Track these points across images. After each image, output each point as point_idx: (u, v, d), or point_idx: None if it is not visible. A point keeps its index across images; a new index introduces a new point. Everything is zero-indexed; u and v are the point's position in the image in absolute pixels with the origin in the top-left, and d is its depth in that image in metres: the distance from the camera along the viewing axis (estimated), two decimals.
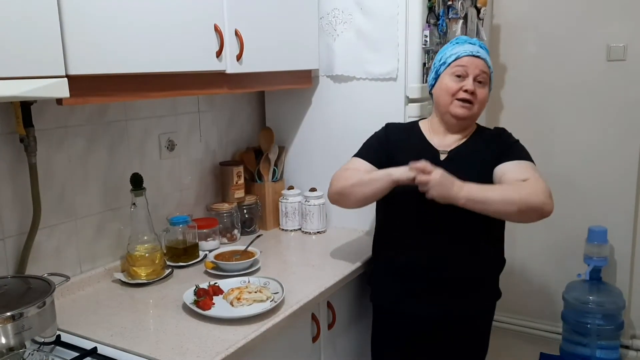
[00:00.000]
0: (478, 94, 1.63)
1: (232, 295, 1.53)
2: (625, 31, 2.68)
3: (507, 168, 1.61)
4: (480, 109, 1.67)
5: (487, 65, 1.66)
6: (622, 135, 2.76)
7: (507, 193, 1.52)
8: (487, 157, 1.65)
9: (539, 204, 1.51)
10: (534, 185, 1.53)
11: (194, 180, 2.11)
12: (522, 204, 1.50)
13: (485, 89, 1.65)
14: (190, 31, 1.54)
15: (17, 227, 1.52)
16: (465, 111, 1.64)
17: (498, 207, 1.51)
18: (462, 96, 1.63)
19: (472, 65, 1.63)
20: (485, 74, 1.64)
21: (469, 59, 1.63)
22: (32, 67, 1.14)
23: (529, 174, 1.57)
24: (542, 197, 1.51)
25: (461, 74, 1.63)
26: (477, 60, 1.63)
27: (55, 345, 1.30)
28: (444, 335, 1.72)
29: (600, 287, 2.77)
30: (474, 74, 1.62)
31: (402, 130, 1.80)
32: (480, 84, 1.63)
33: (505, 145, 1.68)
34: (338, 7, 2.08)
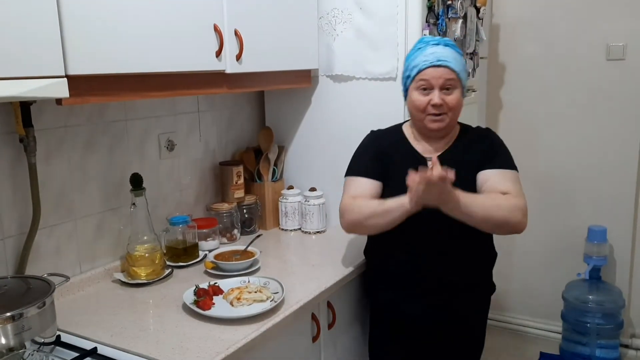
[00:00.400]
0: (448, 102, 1.60)
1: (232, 295, 1.53)
2: (625, 30, 2.68)
3: (490, 176, 1.63)
4: (455, 115, 1.65)
5: (452, 70, 1.59)
6: (621, 134, 2.76)
7: (489, 210, 1.54)
8: (472, 161, 1.66)
9: (515, 223, 1.57)
10: (514, 203, 1.56)
11: (194, 180, 2.11)
12: (500, 221, 1.55)
13: (454, 94, 1.60)
14: (190, 31, 1.54)
15: (16, 227, 1.52)
16: (438, 124, 1.63)
17: (477, 222, 1.55)
18: (431, 111, 1.61)
19: (435, 76, 1.58)
20: (451, 80, 1.59)
21: (430, 71, 1.59)
22: (31, 67, 1.14)
23: (510, 186, 1.60)
24: (520, 215, 1.56)
25: (426, 86, 1.60)
26: (438, 70, 1.58)
27: (55, 345, 1.30)
28: (440, 333, 1.72)
29: (599, 286, 2.77)
30: (438, 84, 1.59)
31: (388, 136, 1.78)
32: (448, 91, 1.60)
33: (490, 150, 1.68)
34: (338, 6, 2.08)
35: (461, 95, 1.64)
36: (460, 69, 1.62)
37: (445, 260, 1.64)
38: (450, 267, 1.65)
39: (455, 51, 1.63)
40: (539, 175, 2.98)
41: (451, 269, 1.65)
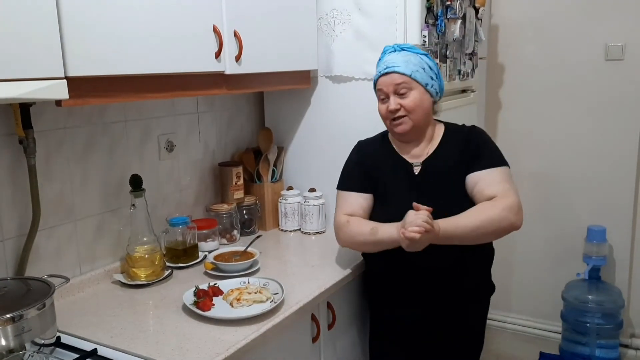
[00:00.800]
0: (405, 105, 1.62)
1: (231, 296, 1.53)
2: (624, 30, 2.68)
3: (479, 177, 1.62)
4: (418, 116, 1.64)
5: (400, 74, 1.61)
6: (620, 134, 2.77)
7: (480, 224, 1.54)
8: (459, 166, 1.65)
9: (508, 226, 1.56)
10: (503, 205, 1.55)
11: (193, 181, 2.11)
12: (495, 229, 1.56)
13: (410, 95, 1.62)
14: (189, 32, 1.54)
15: (16, 228, 1.52)
16: (402, 127, 1.65)
17: (472, 238, 1.57)
18: (391, 117, 1.65)
19: (386, 84, 1.64)
20: (403, 84, 1.62)
21: (381, 80, 1.66)
22: (31, 69, 1.14)
23: (498, 187, 1.59)
24: (511, 216, 1.56)
25: (383, 96, 1.66)
26: (388, 77, 1.63)
27: (55, 346, 1.30)
28: (440, 334, 1.72)
29: (599, 286, 2.77)
30: (390, 91, 1.63)
31: (374, 145, 1.80)
32: (402, 95, 1.62)
33: (475, 150, 1.66)
34: (337, 7, 2.08)
35: (423, 95, 1.64)
36: (413, 70, 1.62)
37: (443, 262, 1.63)
38: (449, 269, 1.64)
39: (409, 53, 1.65)
40: (538, 175, 2.98)
41: (449, 270, 1.65)
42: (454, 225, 1.54)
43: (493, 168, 1.63)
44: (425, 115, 1.67)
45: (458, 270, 1.66)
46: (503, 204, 1.56)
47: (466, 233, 1.54)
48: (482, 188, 1.60)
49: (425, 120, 1.68)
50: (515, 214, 1.56)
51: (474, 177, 1.63)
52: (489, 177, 1.62)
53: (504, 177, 1.63)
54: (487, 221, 1.54)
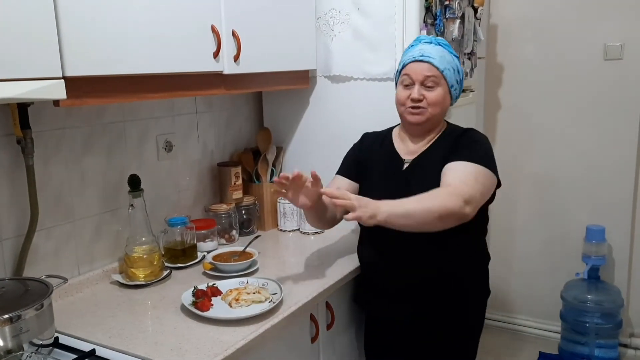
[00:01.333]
0: (428, 98, 1.60)
1: (230, 296, 1.52)
2: (622, 30, 2.68)
3: (449, 167, 1.56)
4: (436, 111, 1.62)
5: (434, 66, 1.59)
6: (619, 134, 2.77)
7: (425, 202, 1.45)
8: (443, 161, 1.60)
9: (455, 209, 1.44)
10: (451, 190, 1.48)
11: (192, 181, 2.11)
12: (441, 211, 1.44)
13: (436, 91, 1.60)
14: (188, 32, 1.54)
15: (14, 229, 1.52)
16: (417, 117, 1.63)
17: (419, 219, 1.45)
18: (409, 104, 1.62)
19: (416, 71, 1.60)
20: (432, 77, 1.59)
21: (412, 66, 1.61)
22: (28, 69, 1.14)
23: (460, 175, 1.52)
24: (458, 201, 1.44)
25: (408, 82, 1.62)
26: (420, 65, 1.60)
27: (53, 347, 1.30)
28: (433, 337, 1.70)
29: (598, 286, 2.77)
30: (418, 80, 1.60)
31: (376, 138, 1.81)
32: (429, 88, 1.60)
33: (461, 145, 1.62)
34: (335, 7, 2.08)
35: (446, 94, 1.63)
36: (446, 67, 1.60)
37: (432, 261, 1.62)
38: (437, 268, 1.62)
39: (445, 50, 1.63)
40: (537, 175, 2.98)
41: (438, 269, 1.62)
42: (399, 206, 1.44)
43: (468, 162, 1.55)
44: (442, 114, 1.66)
45: (448, 276, 1.63)
46: (453, 188, 1.48)
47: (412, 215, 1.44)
48: (444, 176, 1.54)
49: (439, 119, 1.68)
50: (464, 202, 1.45)
51: (446, 167, 1.57)
52: (456, 167, 1.55)
53: (473, 172, 1.53)
54: (434, 205, 1.44)
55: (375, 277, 1.73)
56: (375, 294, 1.74)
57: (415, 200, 1.47)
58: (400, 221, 1.45)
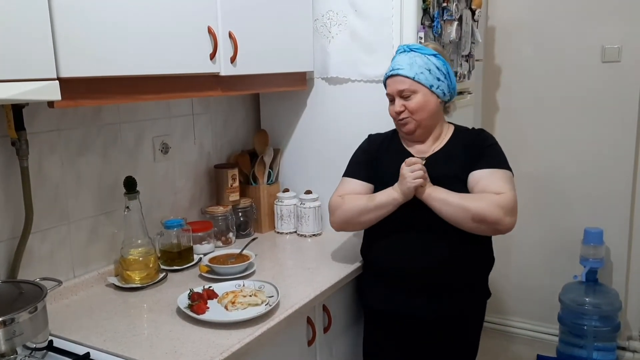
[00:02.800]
0: (408, 107, 1.66)
1: (226, 299, 1.51)
2: (620, 32, 2.68)
3: (481, 175, 1.63)
4: (422, 117, 1.67)
5: (404, 77, 1.65)
6: (617, 136, 2.76)
7: (465, 201, 1.57)
8: (463, 161, 1.67)
9: (494, 220, 1.55)
10: (497, 199, 1.56)
11: (189, 183, 2.10)
12: (477, 215, 1.55)
13: (414, 98, 1.66)
14: (184, 33, 1.53)
15: (9, 231, 1.50)
16: (407, 127, 1.70)
17: (453, 210, 1.57)
18: (397, 118, 1.71)
19: (392, 86, 1.69)
20: (405, 90, 1.66)
21: (388, 82, 1.71)
22: (23, 70, 1.13)
23: (501, 185, 1.60)
24: (501, 213, 1.55)
25: (391, 98, 1.71)
26: (393, 80, 1.69)
27: (47, 350, 1.29)
28: (433, 337, 1.71)
29: (596, 288, 2.77)
30: (395, 94, 1.68)
31: (383, 139, 1.83)
32: (407, 98, 1.67)
33: (480, 149, 1.69)
34: (333, 8, 2.07)
35: (428, 97, 1.67)
36: (417, 72, 1.65)
37: (440, 262, 1.63)
38: (444, 270, 1.64)
39: (416, 53, 1.67)
40: (535, 177, 2.98)
41: (445, 271, 1.64)
42: (445, 192, 1.59)
43: (496, 169, 1.64)
44: (431, 116, 1.69)
45: (454, 274, 1.65)
46: (500, 199, 1.56)
47: (452, 205, 1.57)
48: (485, 185, 1.61)
49: (431, 121, 1.70)
50: (505, 214, 1.56)
51: (476, 175, 1.64)
52: (492, 176, 1.62)
53: (506, 178, 1.64)
54: (474, 201, 1.57)
55: (379, 274, 1.74)
56: (379, 290, 1.74)
57: (460, 194, 1.60)
58: (436, 204, 1.59)
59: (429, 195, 1.60)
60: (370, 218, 1.69)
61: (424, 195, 1.60)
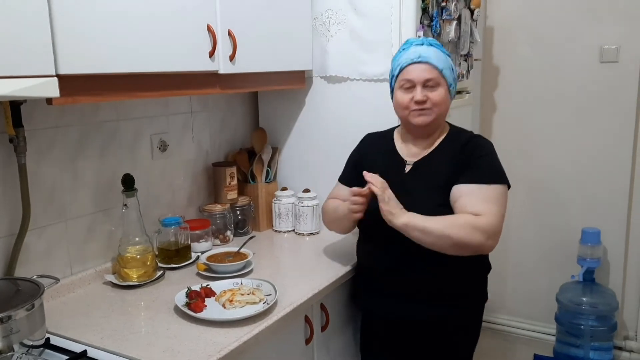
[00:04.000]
0: (431, 98, 1.59)
1: (224, 298, 1.51)
2: (618, 33, 2.69)
3: (463, 192, 1.55)
4: (441, 112, 1.62)
5: (433, 66, 1.58)
6: (615, 137, 2.77)
7: (446, 229, 1.49)
8: (450, 170, 1.60)
9: (475, 245, 1.51)
10: (478, 223, 1.50)
11: (187, 181, 2.10)
12: (458, 243, 1.50)
13: (438, 90, 1.60)
14: (183, 31, 1.53)
15: (6, 228, 1.50)
16: (424, 119, 1.61)
17: (434, 240, 1.51)
18: (414, 107, 1.60)
19: (416, 73, 1.59)
20: (433, 76, 1.58)
21: (412, 67, 1.60)
22: (21, 67, 1.13)
23: (482, 206, 1.52)
24: (482, 238, 1.50)
25: (409, 85, 1.61)
26: (420, 66, 1.59)
27: (44, 348, 1.29)
28: (429, 340, 1.69)
29: (593, 288, 2.77)
30: (420, 81, 1.59)
31: (377, 139, 1.81)
32: (431, 88, 1.59)
33: (469, 160, 1.60)
34: (332, 7, 2.07)
35: (447, 93, 1.62)
36: (444, 66, 1.60)
37: (434, 268, 1.60)
38: (438, 276, 1.60)
39: (439, 50, 1.63)
40: (532, 177, 2.98)
41: (439, 277, 1.60)
42: (422, 220, 1.51)
43: (482, 184, 1.55)
44: (445, 114, 1.66)
45: (446, 279, 1.61)
46: (479, 223, 1.50)
47: (429, 233, 1.51)
48: (464, 204, 1.53)
49: (443, 118, 1.67)
50: (488, 237, 1.51)
51: (458, 190, 1.56)
52: (475, 193, 1.54)
53: (492, 196, 1.55)
54: (455, 228, 1.49)
55: (372, 277, 1.72)
56: (372, 293, 1.73)
57: (439, 221, 1.51)
58: (416, 234, 1.52)
59: (405, 225, 1.51)
60: (345, 225, 1.74)
61: (400, 226, 1.52)
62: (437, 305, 1.63)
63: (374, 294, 1.73)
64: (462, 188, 1.56)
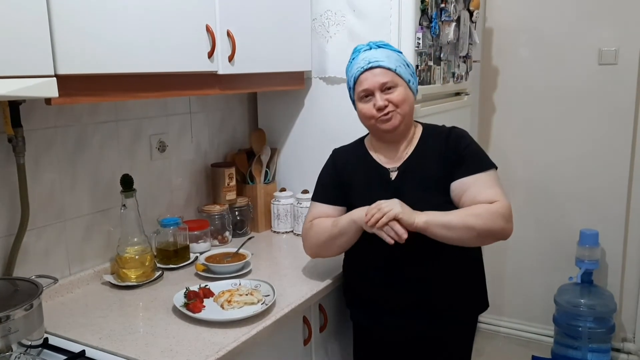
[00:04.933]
0: (392, 100, 1.54)
1: (222, 298, 1.51)
2: (617, 35, 2.69)
3: (466, 183, 1.53)
4: (406, 110, 1.56)
5: (386, 68, 1.54)
6: (613, 138, 2.78)
7: (468, 220, 1.46)
8: (440, 169, 1.57)
9: (497, 231, 1.49)
10: (496, 209, 1.48)
11: (185, 181, 2.10)
12: (482, 231, 1.47)
13: (397, 91, 1.55)
14: (182, 31, 1.53)
15: (5, 228, 1.50)
16: (391, 122, 1.56)
17: (458, 233, 1.46)
18: (379, 115, 1.56)
19: (370, 80, 1.55)
20: (388, 80, 1.54)
21: (364, 76, 1.56)
22: (20, 66, 1.13)
23: (491, 192, 1.51)
24: (502, 222, 1.48)
25: (367, 94, 1.57)
26: (373, 72, 1.55)
27: (42, 348, 1.28)
28: (424, 349, 1.67)
29: (591, 290, 2.78)
30: (376, 87, 1.55)
31: (349, 153, 1.72)
32: (389, 90, 1.55)
33: (456, 155, 1.57)
34: (331, 8, 2.07)
35: (407, 90, 1.57)
36: (396, 64, 1.56)
37: (425, 279, 1.56)
38: (430, 287, 1.57)
39: (388, 50, 1.59)
40: (531, 179, 2.99)
41: (431, 288, 1.57)
42: (441, 215, 1.47)
43: (481, 173, 1.54)
44: (412, 111, 1.60)
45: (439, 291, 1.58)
46: (497, 209, 1.48)
47: (452, 228, 1.46)
48: (474, 195, 1.51)
49: (411, 117, 1.62)
50: (506, 221, 1.50)
51: (461, 184, 1.54)
52: (478, 182, 1.53)
53: (492, 181, 1.55)
54: (479, 223, 1.46)
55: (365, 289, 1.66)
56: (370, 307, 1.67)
57: (458, 214, 1.49)
58: (440, 231, 1.46)
59: (426, 224, 1.45)
60: (340, 243, 1.59)
61: (421, 225, 1.45)
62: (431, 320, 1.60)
63: (365, 310, 1.68)
64: (465, 181, 1.54)
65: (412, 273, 1.57)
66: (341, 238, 1.58)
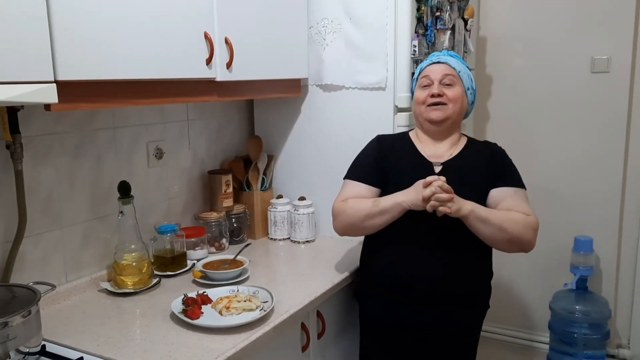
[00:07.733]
0: (447, 94, 1.66)
1: (221, 304, 1.51)
2: (609, 43, 2.72)
3: (505, 194, 1.65)
4: (456, 109, 1.68)
5: (452, 67, 1.69)
6: (606, 146, 2.80)
7: (506, 222, 1.57)
8: (483, 174, 1.67)
9: (526, 242, 1.61)
10: (530, 221, 1.61)
11: (182, 188, 2.10)
12: (514, 237, 1.58)
13: (454, 88, 1.68)
14: (181, 38, 1.54)
15: (2, 235, 1.49)
16: (439, 113, 1.67)
17: (493, 231, 1.57)
18: (430, 101, 1.67)
19: (434, 71, 1.69)
20: (450, 76, 1.68)
21: (430, 67, 1.71)
22: (20, 72, 1.13)
23: (526, 207, 1.64)
24: (532, 235, 1.61)
25: (427, 83, 1.70)
26: (438, 66, 1.70)
27: (40, 355, 1.27)
28: (433, 349, 1.69)
29: (586, 296, 2.78)
30: (437, 78, 1.68)
31: (394, 141, 1.78)
32: (448, 86, 1.67)
33: (501, 167, 1.70)
34: (327, 16, 2.09)
35: (463, 94, 1.70)
36: (461, 69, 1.70)
37: (441, 273, 1.61)
38: (446, 283, 1.62)
39: (458, 59, 1.74)
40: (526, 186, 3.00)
41: (446, 282, 1.62)
42: (485, 210, 1.57)
43: (518, 188, 1.68)
44: (461, 113, 1.71)
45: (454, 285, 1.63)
46: (532, 222, 1.61)
47: (490, 224, 1.56)
48: (511, 204, 1.63)
49: (458, 118, 1.72)
50: (535, 235, 1.62)
51: (501, 192, 1.65)
52: (517, 195, 1.66)
53: (527, 198, 1.69)
54: (513, 224, 1.57)
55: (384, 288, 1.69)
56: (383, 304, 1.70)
57: (497, 214, 1.60)
58: (477, 223, 1.56)
59: (471, 212, 1.55)
60: (375, 223, 1.63)
61: (467, 213, 1.54)
62: (445, 314, 1.64)
63: (379, 302, 1.71)
64: (505, 190, 1.66)
65: (433, 268, 1.62)
66: (381, 217, 1.62)
